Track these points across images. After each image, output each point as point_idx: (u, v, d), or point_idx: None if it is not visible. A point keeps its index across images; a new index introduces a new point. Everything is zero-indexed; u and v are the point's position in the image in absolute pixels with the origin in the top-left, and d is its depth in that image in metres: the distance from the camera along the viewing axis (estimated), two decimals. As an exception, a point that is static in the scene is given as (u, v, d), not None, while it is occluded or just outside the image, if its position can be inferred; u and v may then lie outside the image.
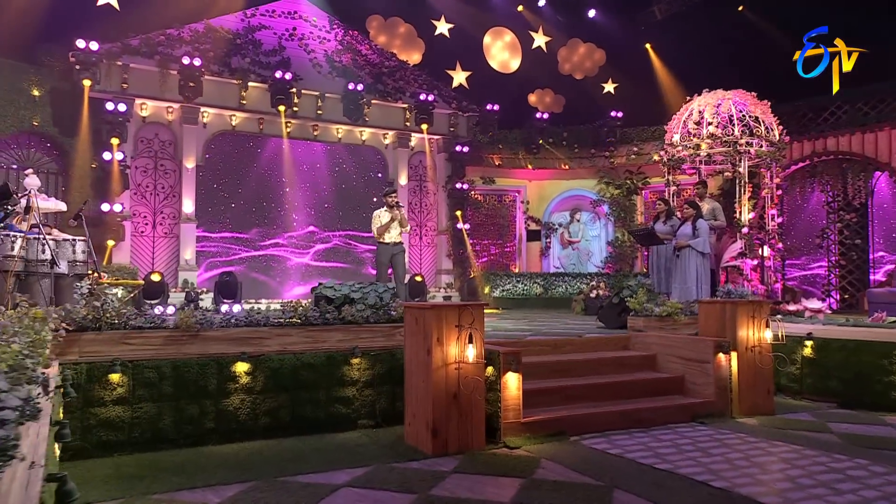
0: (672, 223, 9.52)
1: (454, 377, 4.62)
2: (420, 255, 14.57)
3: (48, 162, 11.55)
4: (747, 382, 5.92)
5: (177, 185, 12.16)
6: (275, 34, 12.83)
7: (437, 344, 4.59)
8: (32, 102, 11.13)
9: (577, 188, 15.57)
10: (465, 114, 14.50)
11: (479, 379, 4.62)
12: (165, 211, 12.16)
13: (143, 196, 12.01)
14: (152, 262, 11.95)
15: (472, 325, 4.62)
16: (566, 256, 15.65)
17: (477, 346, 4.64)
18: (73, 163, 11.40)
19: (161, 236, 12.10)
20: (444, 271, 14.39)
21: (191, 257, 11.96)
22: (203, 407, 4.65)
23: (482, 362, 4.71)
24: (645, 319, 6.83)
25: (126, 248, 11.51)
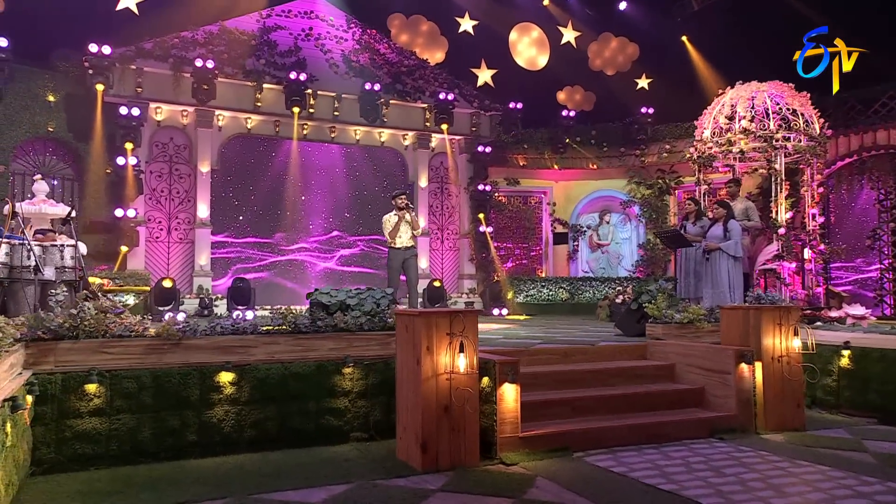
0: (702, 224, 9.19)
1: (445, 388, 4.45)
2: (441, 259, 14.43)
3: (64, 168, 11.76)
4: (774, 395, 5.60)
5: (192, 190, 12.26)
6: (291, 34, 12.85)
7: (427, 353, 4.43)
8: (47, 108, 11.33)
9: (607, 189, 15.23)
10: (488, 113, 14.32)
11: (470, 390, 4.44)
12: (180, 216, 12.26)
13: (157, 201, 12.13)
14: (167, 268, 12.05)
15: (463, 332, 4.44)
16: (595, 260, 15.32)
17: (469, 355, 4.46)
18: (87, 168, 11.57)
19: (176, 242, 12.20)
20: (466, 276, 14.21)
21: (206, 263, 12.03)
22: (185, 419, 4.57)
23: (475, 372, 4.53)
24: (664, 327, 6.55)
25: (140, 253, 11.62)
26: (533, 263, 15.14)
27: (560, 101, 18.71)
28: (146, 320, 4.80)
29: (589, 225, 15.33)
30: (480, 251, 13.96)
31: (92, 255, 11.26)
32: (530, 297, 13.14)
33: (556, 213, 15.13)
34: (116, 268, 10.93)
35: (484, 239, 13.98)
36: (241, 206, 12.75)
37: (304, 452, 4.79)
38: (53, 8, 12.31)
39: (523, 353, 5.88)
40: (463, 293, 13.92)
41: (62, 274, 5.62)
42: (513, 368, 4.65)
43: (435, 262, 14.29)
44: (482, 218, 14.01)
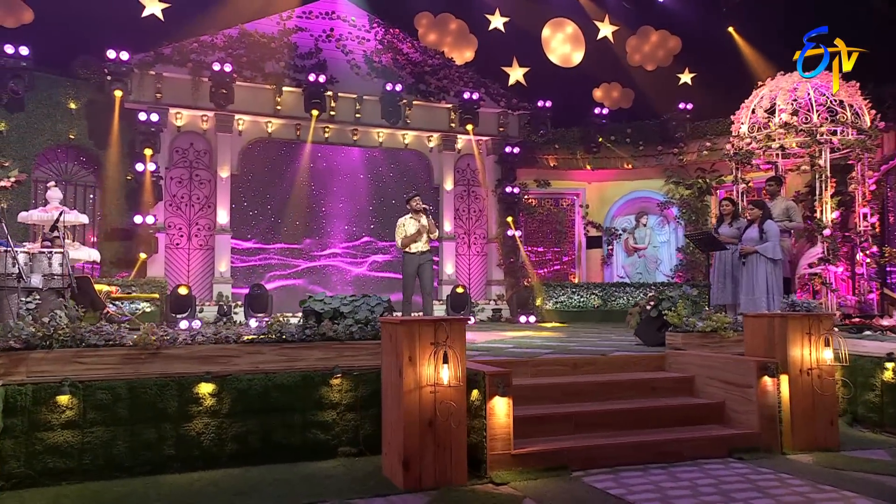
0: (738, 225, 8.81)
1: (429, 401, 4.27)
2: (468, 264, 14.24)
3: (85, 175, 12.00)
4: (803, 411, 5.25)
5: (212, 196, 12.37)
6: (311, 36, 12.88)
7: (409, 364, 4.26)
8: (69, 115, 11.58)
9: (643, 189, 14.81)
10: (516, 112, 14.10)
11: (454, 404, 4.25)
12: (201, 222, 12.39)
13: (178, 207, 12.27)
14: (187, 275, 12.18)
15: (446, 342, 4.26)
16: (631, 265, 14.91)
17: (455, 366, 4.28)
18: (108, 175, 11.79)
19: (196, 248, 12.33)
20: (494, 282, 13.99)
21: (225, 269, 12.12)
22: (162, 432, 4.50)
23: (462, 385, 4.34)
24: (684, 336, 6.23)
25: (160, 260, 11.77)
26: (565, 268, 14.82)
27: (596, 99, 18.30)
28: (158, 328, 4.76)
29: (624, 228, 14.93)
30: (508, 256, 13.72)
31: (112, 263, 11.52)
32: (560, 304, 12.83)
33: (589, 216, 14.79)
34: (133, 275, 11.07)
35: (513, 243, 13.74)
36: (266, 212, 12.81)
37: (286, 468, 4.67)
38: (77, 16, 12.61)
39: (527, 364, 5.66)
40: (491, 300, 13.71)
41: (50, 281, 5.65)
42: (503, 380, 4.44)
43: (461, 268, 14.10)
44: (511, 221, 13.77)
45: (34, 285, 5.50)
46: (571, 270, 14.82)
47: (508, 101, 14.07)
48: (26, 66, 10.90)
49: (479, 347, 6.77)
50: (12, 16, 13.39)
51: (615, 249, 14.90)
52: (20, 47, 10.85)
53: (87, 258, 9.12)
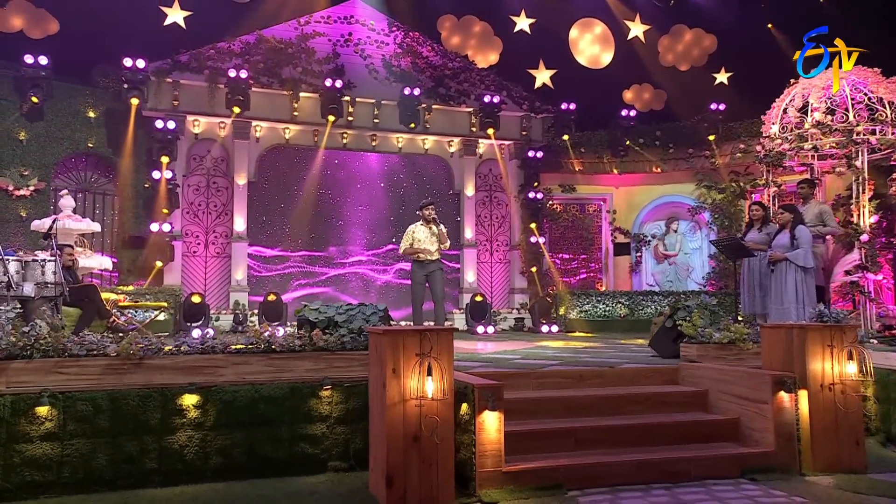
0: (769, 231, 8.52)
1: (414, 415, 4.15)
2: (491, 272, 14.08)
3: (105, 183, 12.21)
4: (824, 429, 4.98)
5: (229, 203, 12.46)
6: (329, 41, 12.92)
7: (393, 376, 4.15)
8: (87, 124, 11.80)
9: (673, 194, 14.48)
10: (539, 115, 13.93)
11: (437, 418, 4.12)
12: (218, 230, 12.49)
13: (195, 215, 12.39)
14: (204, 283, 12.29)
15: (431, 353, 4.14)
16: (661, 272, 14.57)
17: (440, 378, 4.15)
18: (126, 183, 11.98)
19: (213, 256, 12.43)
20: (517, 290, 13.81)
21: (242, 277, 12.18)
22: (144, 444, 4.46)
23: (449, 398, 4.21)
24: (700, 347, 5.99)
25: (176, 268, 11.88)
26: (592, 276, 14.56)
27: (626, 101, 18.03)
28: (169, 337, 4.75)
29: (654, 234, 14.61)
30: (531, 263, 13.52)
31: (130, 271, 11.68)
32: (585, 314, 12.58)
33: (616, 222, 14.51)
34: (148, 283, 11.19)
35: (536, 250, 13.54)
36: (286, 219, 12.85)
37: (272, 483, 4.59)
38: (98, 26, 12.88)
39: (529, 376, 5.50)
40: (514, 308, 13.52)
41: (43, 290, 5.69)
42: (493, 394, 4.30)
43: (483, 276, 13.96)
44: (534, 228, 13.58)
45: (26, 294, 5.55)
46: (598, 278, 14.54)
47: (531, 105, 13.91)
48: (45, 75, 11.12)
49: (484, 358, 6.62)
50: (39, 27, 13.77)
51: (644, 256, 14.59)
52: (39, 57, 11.09)
53: (98, 266, 9.26)
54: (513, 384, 5.43)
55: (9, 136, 11.15)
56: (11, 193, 11.07)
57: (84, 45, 12.76)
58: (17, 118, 11.21)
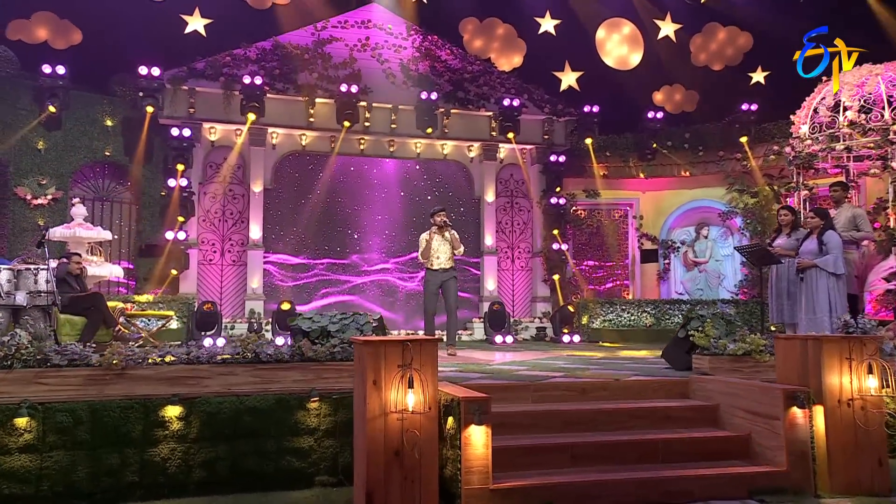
0: (798, 236, 8.25)
1: (396, 429, 4.05)
2: (512, 280, 13.93)
3: (122, 191, 12.40)
4: (842, 448, 4.74)
5: (245, 211, 12.55)
6: (346, 46, 12.97)
7: (374, 388, 4.06)
8: (105, 133, 12.00)
9: (703, 199, 14.15)
10: (561, 119, 13.76)
11: (418, 433, 4.01)
12: (234, 238, 12.58)
13: (211, 223, 12.51)
14: (220, 291, 12.38)
15: (412, 363, 4.04)
16: (691, 280, 14.24)
17: (423, 390, 4.05)
18: (143, 191, 12.16)
19: (229, 264, 12.52)
20: (539, 298, 13.63)
21: (258, 286, 12.24)
22: (125, 457, 4.44)
23: (433, 412, 4.11)
24: (712, 359, 5.78)
25: (192, 276, 11.99)
26: (618, 284, 14.30)
27: (657, 103, 17.74)
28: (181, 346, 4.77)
29: (683, 240, 14.29)
30: (554, 271, 13.33)
31: (146, 279, 11.83)
32: (608, 323, 12.33)
33: (643, 228, 14.24)
34: (163, 291, 11.31)
35: (559, 258, 13.35)
36: (308, 227, 12.89)
37: (257, 498, 4.53)
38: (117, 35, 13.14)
39: (528, 389, 5.36)
40: (536, 317, 13.34)
41: (35, 298, 5.75)
42: (480, 407, 4.17)
43: (505, 284, 13.81)
44: (557, 234, 13.39)
45: (18, 303, 5.61)
46: (625, 286, 14.28)
47: (553, 108, 13.75)
48: (63, 84, 11.34)
49: (490, 369, 6.49)
50: (62, 38, 14.11)
51: (673, 264, 14.28)
52: (57, 67, 11.32)
53: (108, 275, 9.37)
54: (511, 397, 5.30)
55: (27, 146, 11.39)
56: (29, 202, 11.30)
57: (103, 55, 13.04)
58: (36, 127, 11.44)
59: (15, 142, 11.23)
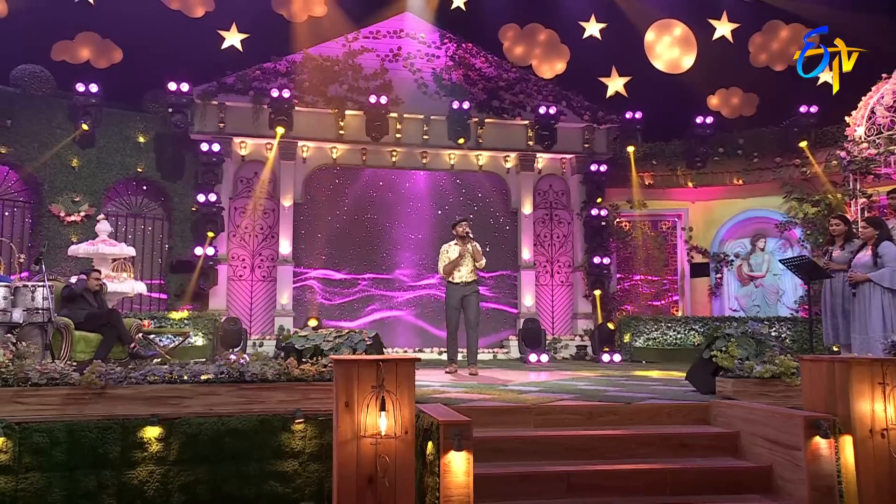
0: (852, 248, 7.84)
1: (370, 454, 3.94)
2: (552, 295, 13.66)
3: (155, 207, 12.73)
4: (876, 484, 4.38)
5: (276, 226, 12.70)
6: (378, 56, 13.04)
7: (346, 410, 3.96)
8: (138, 149, 12.35)
9: (759, 208, 13.62)
10: (602, 126, 13.49)
11: (387, 458, 3.88)
12: (264, 253, 12.74)
13: (241, 238, 12.70)
14: (250, 307, 12.54)
15: (384, 385, 3.93)
16: (746, 296, 13.68)
17: (396, 413, 3.92)
18: (174, 207, 12.45)
19: (259, 280, 12.67)
20: (580, 315, 13.32)
21: (287, 302, 12.33)
22: (102, 479, 4.46)
23: (408, 436, 3.98)
24: (736, 382, 5.46)
25: (221, 292, 12.17)
26: (666, 301, 13.86)
27: (712, 107, 17.21)
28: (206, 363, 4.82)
29: (737, 253, 13.77)
30: (595, 286, 13.01)
31: (177, 295, 12.09)
32: (652, 341, 11.94)
33: (692, 241, 13.78)
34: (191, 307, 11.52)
35: (600, 272, 13.03)
36: (341, 241, 12.95)
37: (236, 524, 4.49)
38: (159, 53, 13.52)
39: (530, 412, 5.17)
40: (577, 335, 13.05)
41: (32, 316, 5.88)
42: (460, 432, 4.02)
43: (544, 299, 13.55)
44: (598, 247, 13.09)
45: (15, 320, 5.75)
46: (673, 302, 13.83)
47: (594, 115, 13.49)
48: (95, 102, 11.73)
49: (497, 391, 6.28)
50: (104, 57, 14.64)
51: (726, 278, 13.76)
52: (90, 85, 11.72)
53: (130, 291, 9.58)
54: (511, 421, 5.13)
55: (62, 164, 11.81)
56: (63, 219, 11.69)
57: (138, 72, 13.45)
58: (70, 145, 11.86)
59: (49, 160, 11.65)
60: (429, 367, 9.33)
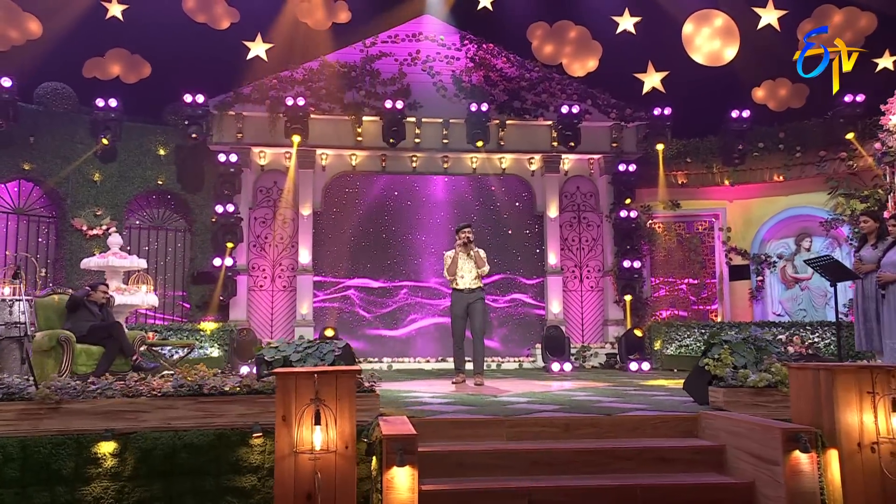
0: (885, 246, 7.48)
1: (308, 470, 3.88)
2: (581, 301, 13.38)
3: (177, 219, 13.02)
4: (866, 502, 4.11)
5: (295, 235, 12.81)
6: (395, 61, 13.05)
7: (283, 424, 3.93)
8: (158, 162, 12.66)
9: (802, 205, 13.07)
10: (630, 124, 13.19)
11: (319, 475, 3.81)
12: (284, 262, 12.87)
13: (261, 248, 12.86)
14: (271, 318, 12.68)
15: (320, 397, 3.86)
16: (791, 299, 13.14)
17: (335, 428, 3.85)
18: (195, 218, 12.71)
19: (279, 290, 12.80)
20: (611, 322, 13.01)
21: (307, 312, 12.42)
22: (55, 495, 4.51)
23: (349, 451, 3.90)
24: (728, 391, 5.20)
25: (241, 303, 12.34)
26: (704, 305, 13.42)
27: (757, 100, 16.64)
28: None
29: (780, 254, 13.24)
30: (625, 291, 12.69)
31: (198, 306, 12.33)
32: (685, 349, 11.54)
33: (731, 241, 13.31)
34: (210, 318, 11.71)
35: (630, 276, 12.70)
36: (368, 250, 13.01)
37: (191, 541, 4.49)
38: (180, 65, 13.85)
39: (502, 424, 5.02)
40: (607, 342, 12.74)
41: (10, 330, 6.03)
42: (403, 447, 3.92)
43: (572, 306, 13.29)
44: (628, 250, 12.77)
45: (-9, 334, 5.92)
46: (711, 307, 13.38)
47: (621, 113, 13.20)
48: (115, 117, 12.06)
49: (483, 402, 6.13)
50: (134, 72, 15.06)
51: (768, 281, 13.23)
52: (109, 100, 12.07)
53: (140, 304, 9.78)
54: (483, 434, 4.99)
55: (84, 178, 12.18)
56: (85, 233, 12.05)
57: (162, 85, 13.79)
58: (92, 160, 12.22)
59: (72, 174, 12.03)
60: (444, 378, 9.28)
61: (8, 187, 11.94)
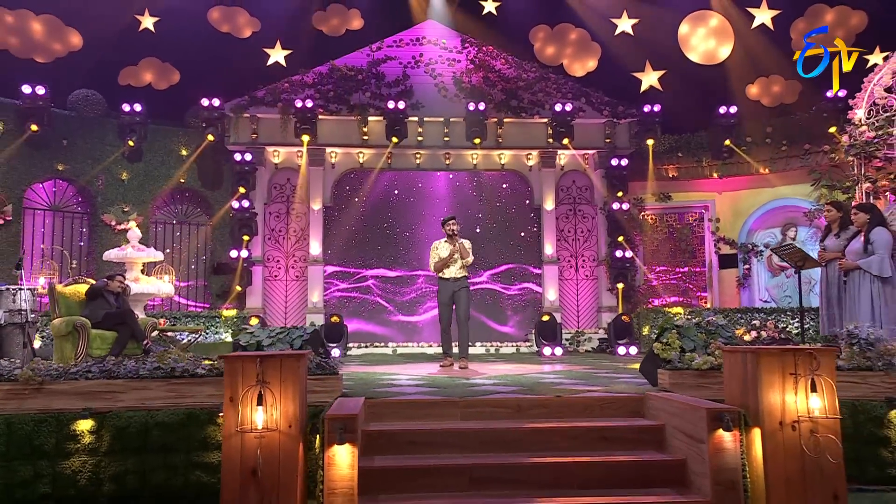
0: (847, 235, 7.26)
1: (252, 448, 3.88)
2: (577, 289, 13.24)
3: (199, 214, 13.17)
4: (786, 479, 3.99)
5: (307, 228, 12.88)
6: (400, 64, 13.02)
7: (231, 405, 3.93)
8: (181, 162, 12.80)
9: (787, 197, 12.78)
10: (622, 120, 12.99)
11: (260, 452, 3.80)
12: (297, 254, 12.94)
13: (276, 241, 12.95)
14: (285, 306, 12.77)
15: (264, 379, 3.85)
16: (777, 286, 12.86)
17: (276, 407, 3.85)
18: (214, 214, 12.85)
19: (293, 280, 12.89)
20: (605, 308, 12.87)
21: (318, 300, 12.49)
22: (38, 469, 4.58)
23: (293, 430, 3.89)
24: (673, 374, 5.09)
25: (257, 292, 12.47)
26: (694, 292, 13.19)
27: (751, 96, 16.31)
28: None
29: (766, 243, 12.95)
30: (618, 279, 12.53)
31: (218, 296, 12.48)
32: (671, 333, 11.34)
33: (720, 232, 13.06)
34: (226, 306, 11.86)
35: (622, 265, 12.54)
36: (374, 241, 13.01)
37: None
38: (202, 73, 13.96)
39: (456, 405, 4.97)
40: (601, 328, 12.61)
41: (14, 316, 6.13)
42: (343, 425, 3.89)
43: (568, 294, 13.16)
44: (621, 241, 12.61)
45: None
46: (701, 294, 13.15)
47: (613, 110, 13.01)
48: (139, 121, 12.22)
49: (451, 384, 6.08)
50: (165, 79, 15.23)
51: (755, 269, 12.96)
52: (135, 105, 12.23)
53: (156, 292, 9.90)
54: (437, 413, 4.95)
55: (113, 177, 12.37)
56: (114, 228, 12.24)
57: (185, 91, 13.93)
58: (120, 160, 12.40)
59: (102, 173, 12.23)
60: (437, 361, 9.24)
61: (45, 186, 12.18)
